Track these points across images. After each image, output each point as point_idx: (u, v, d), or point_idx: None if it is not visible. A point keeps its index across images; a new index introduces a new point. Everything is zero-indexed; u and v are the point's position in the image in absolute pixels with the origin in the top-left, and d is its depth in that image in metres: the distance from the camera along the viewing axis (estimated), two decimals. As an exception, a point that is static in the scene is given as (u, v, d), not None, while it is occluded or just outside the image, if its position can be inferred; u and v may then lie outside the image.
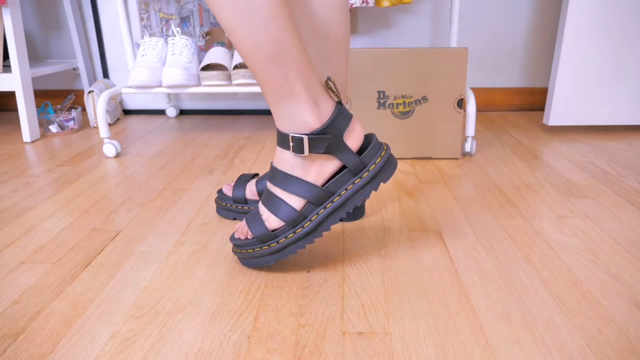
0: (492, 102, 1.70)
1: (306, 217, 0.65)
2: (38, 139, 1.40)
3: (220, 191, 0.87)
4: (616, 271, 0.66)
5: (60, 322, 0.57)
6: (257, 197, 0.82)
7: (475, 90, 1.68)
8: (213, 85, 1.25)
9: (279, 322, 0.57)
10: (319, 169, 0.64)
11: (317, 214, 0.65)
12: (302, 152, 0.62)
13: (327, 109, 0.63)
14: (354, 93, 1.12)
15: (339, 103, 0.64)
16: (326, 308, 0.59)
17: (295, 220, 0.64)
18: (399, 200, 0.92)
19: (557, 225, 0.81)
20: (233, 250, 0.69)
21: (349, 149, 0.64)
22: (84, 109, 1.78)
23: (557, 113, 1.33)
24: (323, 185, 0.65)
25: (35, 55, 1.74)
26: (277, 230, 0.65)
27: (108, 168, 1.14)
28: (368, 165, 0.65)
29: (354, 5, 1.33)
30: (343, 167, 0.65)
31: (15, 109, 1.82)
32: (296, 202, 0.64)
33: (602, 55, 1.28)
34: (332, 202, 0.65)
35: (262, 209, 0.67)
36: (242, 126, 1.54)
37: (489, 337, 0.54)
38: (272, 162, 0.68)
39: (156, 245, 0.76)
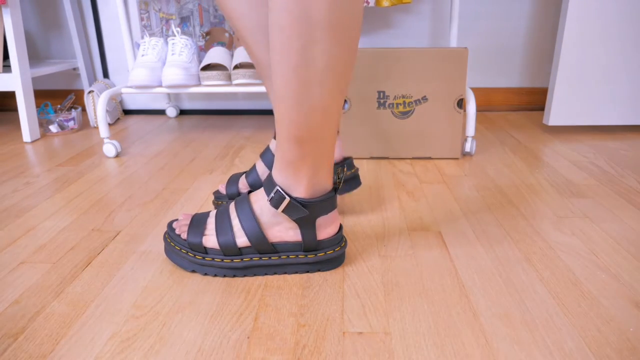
0: (492, 102, 1.70)
1: (241, 254, 0.66)
2: (38, 139, 1.40)
3: (217, 192, 0.87)
4: (616, 271, 0.66)
5: (60, 322, 0.57)
6: (249, 188, 0.83)
7: (475, 90, 1.68)
8: (213, 85, 1.25)
9: (279, 322, 0.57)
10: (280, 229, 0.65)
11: (252, 258, 0.66)
12: (276, 207, 0.63)
13: (320, 189, 0.64)
14: (354, 93, 1.12)
15: (335, 190, 0.66)
16: (326, 308, 0.59)
17: (230, 251, 0.65)
18: (399, 200, 0.92)
19: (557, 225, 0.81)
20: (165, 234, 0.70)
21: (314, 232, 0.65)
22: (84, 109, 1.78)
23: (557, 113, 1.33)
24: (273, 242, 0.66)
25: (35, 55, 1.74)
26: (209, 249, 0.66)
27: (108, 168, 1.14)
28: (321, 250, 0.66)
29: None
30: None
31: (15, 109, 1.82)
32: (241, 239, 0.65)
33: (602, 55, 1.28)
34: (270, 257, 0.66)
35: (210, 223, 0.68)
36: (242, 126, 1.54)
37: (489, 337, 0.54)
38: (249, 193, 0.69)
39: (156, 245, 0.76)
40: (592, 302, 0.60)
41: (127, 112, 1.75)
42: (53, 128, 1.45)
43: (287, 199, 0.62)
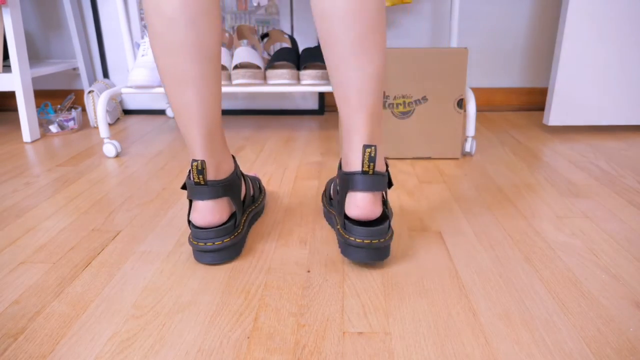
0: (492, 102, 1.70)
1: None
2: (38, 139, 1.40)
3: None
4: (616, 271, 0.66)
5: (60, 322, 0.57)
6: None
7: (475, 90, 1.68)
8: (213, 85, 1.25)
9: (279, 322, 0.57)
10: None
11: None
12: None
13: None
14: (354, 93, 1.12)
15: (195, 184, 0.67)
16: (326, 308, 0.59)
17: None
18: (399, 200, 0.92)
19: (557, 225, 0.81)
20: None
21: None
22: (84, 109, 1.78)
23: (557, 113, 1.33)
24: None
25: (35, 55, 1.74)
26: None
27: (108, 168, 1.14)
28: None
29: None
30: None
31: (15, 109, 1.82)
32: None
33: (602, 55, 1.28)
34: None
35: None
36: (241, 126, 1.54)
37: (489, 337, 0.54)
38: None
39: (156, 245, 0.76)
40: (592, 302, 0.60)
41: (127, 112, 1.75)
42: (53, 128, 1.45)
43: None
